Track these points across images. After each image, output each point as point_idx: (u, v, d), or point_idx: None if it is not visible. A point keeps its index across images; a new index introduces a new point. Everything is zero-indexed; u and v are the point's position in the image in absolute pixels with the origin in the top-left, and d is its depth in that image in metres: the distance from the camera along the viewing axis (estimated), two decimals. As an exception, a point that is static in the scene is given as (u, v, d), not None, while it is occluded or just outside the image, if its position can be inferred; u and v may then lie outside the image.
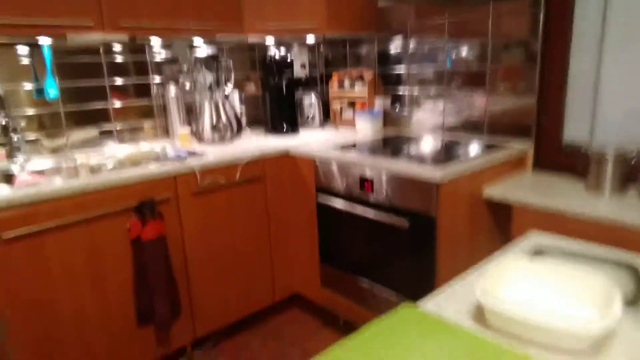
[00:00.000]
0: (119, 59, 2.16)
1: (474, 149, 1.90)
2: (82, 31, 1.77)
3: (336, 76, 2.64)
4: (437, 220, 1.61)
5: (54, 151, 2.02)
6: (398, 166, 1.68)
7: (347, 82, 2.58)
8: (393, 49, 2.43)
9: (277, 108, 2.46)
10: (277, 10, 2.24)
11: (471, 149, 1.91)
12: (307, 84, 2.69)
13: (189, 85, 2.32)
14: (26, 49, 1.91)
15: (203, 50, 2.34)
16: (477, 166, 1.72)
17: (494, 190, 1.71)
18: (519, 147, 1.93)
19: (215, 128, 2.21)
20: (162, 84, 2.30)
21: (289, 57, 2.55)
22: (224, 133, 2.24)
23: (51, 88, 1.94)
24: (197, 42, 2.34)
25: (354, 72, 2.55)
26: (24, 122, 1.93)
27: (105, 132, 2.16)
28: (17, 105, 1.92)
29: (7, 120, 1.86)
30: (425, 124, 2.36)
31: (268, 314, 2.36)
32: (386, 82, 2.51)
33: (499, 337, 0.71)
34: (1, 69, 1.87)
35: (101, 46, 2.10)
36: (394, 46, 2.42)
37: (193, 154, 1.95)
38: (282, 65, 2.50)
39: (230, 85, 2.33)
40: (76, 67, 2.04)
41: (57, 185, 1.53)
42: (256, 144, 2.18)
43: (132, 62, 2.20)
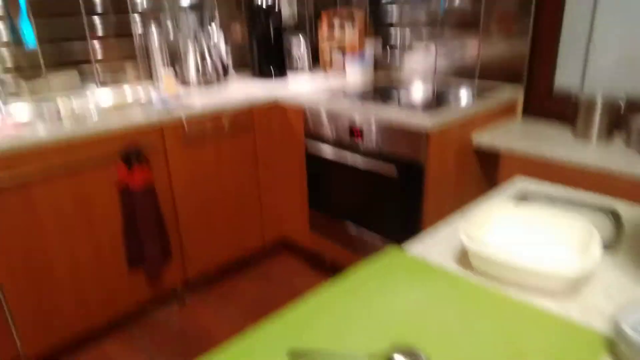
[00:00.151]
0: (97, -4, 2.04)
1: (465, 96, 1.88)
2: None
3: (325, 16, 2.54)
4: (426, 167, 1.61)
5: (34, 95, 1.95)
6: (388, 114, 1.66)
7: (337, 24, 2.49)
8: (385, -11, 2.33)
9: (265, 52, 2.38)
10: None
11: (462, 96, 1.89)
12: (296, 27, 2.59)
13: (172, 25, 2.22)
14: (-5, -16, 1.79)
15: (185, -13, 2.22)
16: (467, 113, 1.70)
17: (483, 137, 1.71)
18: (510, 94, 1.91)
19: (200, 71, 2.15)
20: (144, 24, 2.19)
21: (277, -3, 2.44)
22: (210, 77, 2.17)
23: (26, 29, 1.84)
24: (179, -21, 2.21)
25: (344, 12, 2.46)
26: (1, 66, 1.85)
27: (86, 75, 2.08)
28: (-10, 44, 1.82)
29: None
30: (416, 69, 2.31)
31: (257, 257, 2.41)
32: (377, 25, 2.42)
33: (482, 280, 0.73)
34: (-30, 5, 1.76)
35: (76, -19, 1.98)
36: (386, -14, 2.32)
37: (179, 101, 1.90)
38: (270, 6, 2.39)
39: (214, 25, 2.23)
40: (52, 6, 1.93)
41: (41, 134, 1.49)
42: (244, 90, 2.12)
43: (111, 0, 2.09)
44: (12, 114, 1.80)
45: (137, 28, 2.18)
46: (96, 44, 2.08)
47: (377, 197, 1.82)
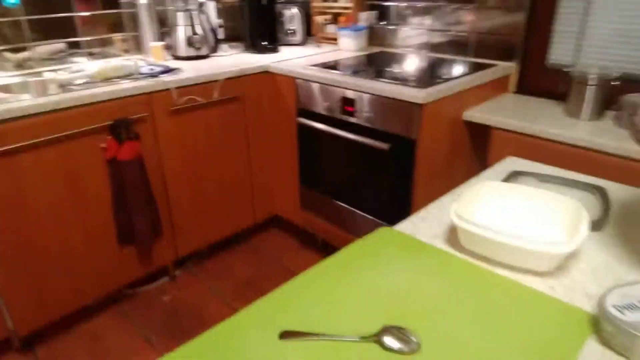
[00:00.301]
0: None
1: (459, 69, 1.86)
2: None
3: (319, -13, 2.47)
4: (418, 143, 1.61)
5: (19, 66, 1.90)
6: (381, 87, 1.64)
7: (331, -5, 2.43)
8: (380, -41, 2.27)
9: (257, 23, 2.32)
10: None
11: (456, 69, 1.86)
12: (288, -3, 2.53)
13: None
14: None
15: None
16: (461, 88, 1.69)
17: (475, 112, 1.70)
18: (504, 69, 1.89)
19: (190, 42, 2.10)
20: (131, -7, 2.12)
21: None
22: (200, 47, 2.12)
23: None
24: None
25: (338, -16, 2.40)
26: (-18, 33, 1.79)
27: (72, 46, 2.03)
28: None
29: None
30: (411, 41, 2.28)
31: (249, 234, 2.41)
32: (372, -4, 2.37)
33: (471, 258, 0.73)
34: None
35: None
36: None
37: (168, 70, 1.86)
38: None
39: (205, -5, 2.17)
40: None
41: (27, 102, 1.45)
42: (234, 61, 2.08)
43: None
44: (-3, 86, 1.75)
45: (124, -3, 2.11)
46: (84, 15, 2.02)
47: (369, 173, 1.82)
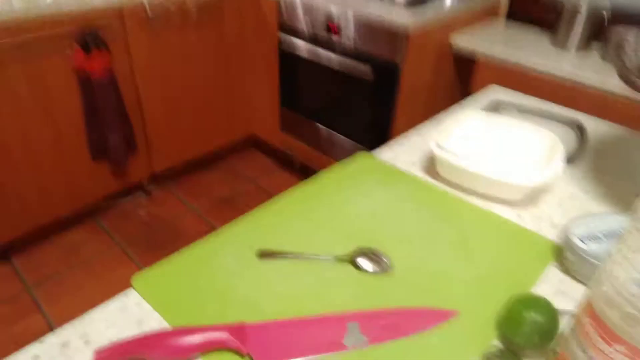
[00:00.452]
0: None
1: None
2: None
3: None
4: (402, 67, 1.57)
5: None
6: (367, 8, 1.56)
7: None
8: None
9: None
10: None
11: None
12: None
13: None
14: None
15: None
16: (450, 13, 1.62)
17: (462, 38, 1.65)
18: (495, -6, 1.82)
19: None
20: None
21: None
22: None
23: None
24: None
25: None
26: None
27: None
28: None
29: None
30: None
31: (226, 154, 2.39)
32: None
33: (446, 187, 0.74)
34: None
35: None
36: None
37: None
38: None
39: None
40: None
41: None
42: (211, -31, 1.93)
43: None
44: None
45: None
46: None
47: (351, 98, 1.79)
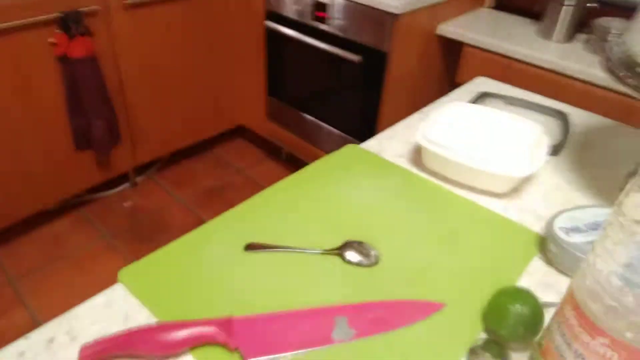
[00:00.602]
0: None
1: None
2: None
3: None
4: (389, 56, 1.56)
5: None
6: (353, -5, 1.55)
7: None
8: None
9: None
10: None
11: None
12: None
13: None
14: None
15: None
16: (438, 0, 1.62)
17: (448, 26, 1.65)
18: (482, -17, 1.81)
19: None
20: None
21: None
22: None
23: None
24: None
25: None
26: None
27: None
28: None
29: None
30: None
31: (212, 144, 2.37)
32: None
33: (433, 178, 0.75)
34: None
35: None
36: None
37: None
38: None
39: None
40: None
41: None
42: (195, -46, 1.89)
43: None
44: None
45: None
46: None
47: (337, 86, 1.78)
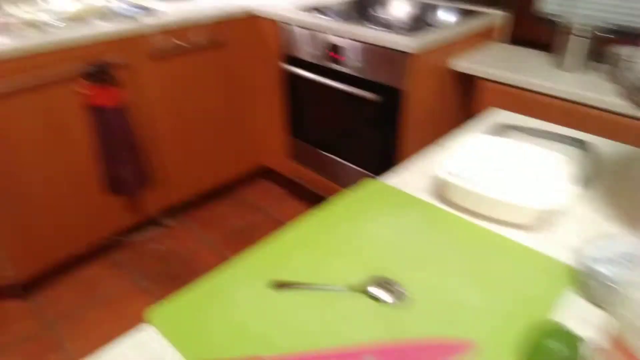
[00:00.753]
0: None
1: (449, 16, 1.81)
2: None
3: None
4: (406, 94, 1.59)
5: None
6: (370, 34, 1.59)
7: None
8: None
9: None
10: None
11: (445, 16, 1.81)
12: None
13: None
14: None
15: None
16: (451, 36, 1.65)
17: (462, 61, 1.66)
18: (493, 17, 1.84)
19: (170, -15, 1.99)
20: None
21: None
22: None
23: None
24: None
25: None
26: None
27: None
28: None
29: None
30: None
31: (236, 185, 2.41)
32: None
33: (456, 211, 0.74)
34: None
35: None
36: None
37: (146, 10, 1.76)
38: None
39: None
40: None
41: (0, 44, 1.38)
42: (216, 2, 1.99)
43: None
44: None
45: None
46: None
47: (355, 123, 1.80)
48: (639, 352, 0.34)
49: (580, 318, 0.55)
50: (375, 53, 1.61)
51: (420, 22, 1.73)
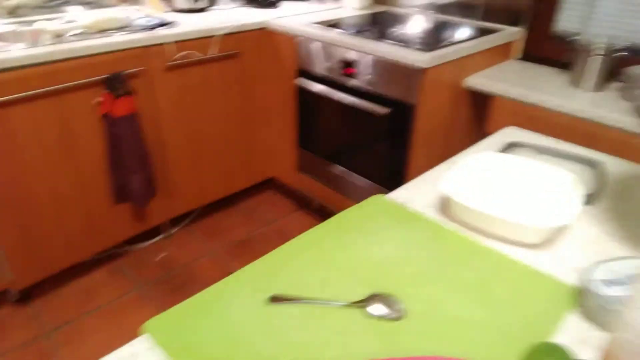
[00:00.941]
0: None
1: (464, 33, 1.81)
2: None
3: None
4: (417, 108, 1.58)
5: (11, 13, 1.84)
6: (383, 49, 1.60)
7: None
8: None
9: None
10: None
11: (461, 33, 1.81)
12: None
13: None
14: None
15: None
16: (465, 52, 1.64)
17: (476, 78, 1.66)
18: (509, 34, 1.84)
19: (188, -5, 2.03)
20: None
21: None
22: (198, 0, 2.06)
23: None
24: None
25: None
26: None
27: (65, -6, 1.96)
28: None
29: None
30: (416, 1, 2.20)
31: (244, 196, 2.42)
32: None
33: (462, 229, 0.74)
34: None
35: None
36: None
37: (164, 23, 1.80)
38: None
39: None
40: None
41: (21, 52, 1.41)
42: (233, 15, 2.02)
43: None
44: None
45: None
46: (75, -40, 1.94)
47: (366, 137, 1.80)
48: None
49: (581, 339, 0.53)
50: (387, 68, 1.61)
51: (435, 38, 1.74)
